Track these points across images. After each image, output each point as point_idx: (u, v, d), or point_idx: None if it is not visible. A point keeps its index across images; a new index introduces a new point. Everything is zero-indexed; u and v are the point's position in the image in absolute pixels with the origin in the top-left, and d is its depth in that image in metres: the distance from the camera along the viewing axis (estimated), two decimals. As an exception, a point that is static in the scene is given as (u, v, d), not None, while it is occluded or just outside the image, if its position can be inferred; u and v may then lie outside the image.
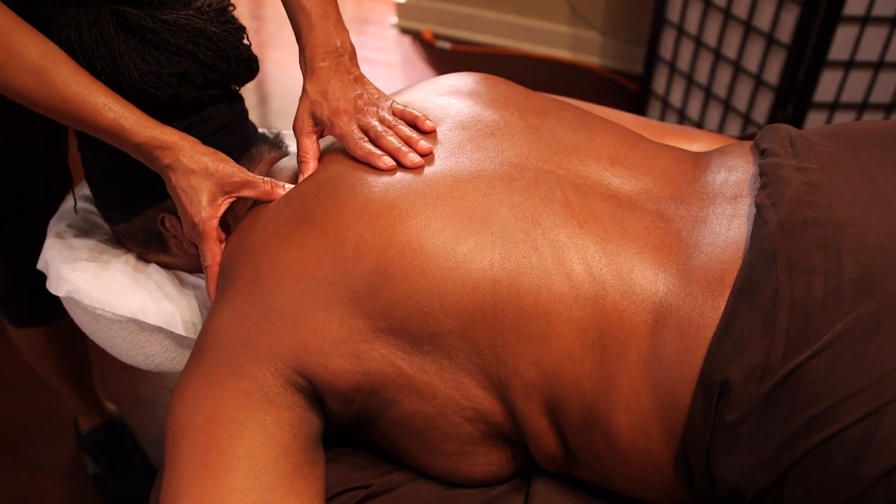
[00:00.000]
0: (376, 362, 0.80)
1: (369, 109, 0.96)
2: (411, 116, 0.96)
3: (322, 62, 0.98)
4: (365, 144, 0.91)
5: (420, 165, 0.88)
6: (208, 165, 0.93)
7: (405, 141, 0.91)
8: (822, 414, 0.68)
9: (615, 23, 3.01)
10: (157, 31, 0.94)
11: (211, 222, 0.93)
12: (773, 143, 0.87)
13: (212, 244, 0.94)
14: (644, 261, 0.80)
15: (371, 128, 0.93)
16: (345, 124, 0.94)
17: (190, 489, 0.76)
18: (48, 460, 1.67)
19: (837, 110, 2.18)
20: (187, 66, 0.95)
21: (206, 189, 0.93)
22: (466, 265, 0.79)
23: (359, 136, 0.93)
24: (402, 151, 0.89)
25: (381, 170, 0.88)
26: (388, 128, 0.93)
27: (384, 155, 0.89)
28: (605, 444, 0.79)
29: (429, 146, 0.91)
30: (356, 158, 0.91)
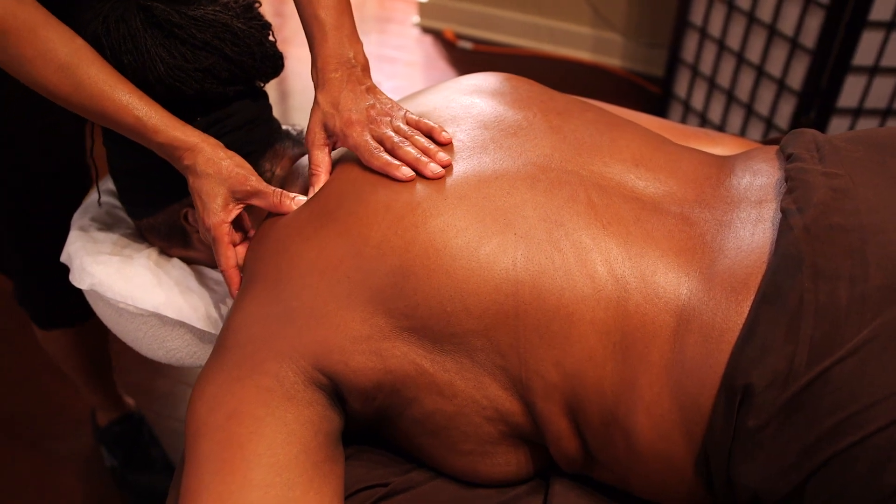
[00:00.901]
0: (397, 360, 0.80)
1: (382, 120, 0.94)
2: (427, 127, 0.94)
3: (334, 73, 0.97)
4: (381, 155, 0.90)
5: (441, 177, 0.87)
6: (223, 170, 0.93)
7: (423, 152, 0.90)
8: (845, 421, 0.68)
9: (637, 25, 3.00)
10: (184, 26, 0.95)
11: (221, 227, 0.94)
12: (799, 147, 0.86)
13: (223, 248, 0.94)
14: (667, 264, 0.80)
15: (386, 138, 0.92)
16: (358, 135, 0.93)
17: (210, 485, 0.76)
18: (65, 453, 1.68)
19: (861, 116, 2.16)
20: (213, 61, 0.96)
21: (220, 194, 0.94)
22: (489, 265, 0.79)
23: (374, 147, 0.91)
24: (423, 162, 0.88)
25: (399, 180, 0.87)
26: (405, 138, 0.92)
27: (402, 165, 0.88)
28: (625, 447, 0.79)
29: (448, 159, 0.89)
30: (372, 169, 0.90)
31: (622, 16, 3.00)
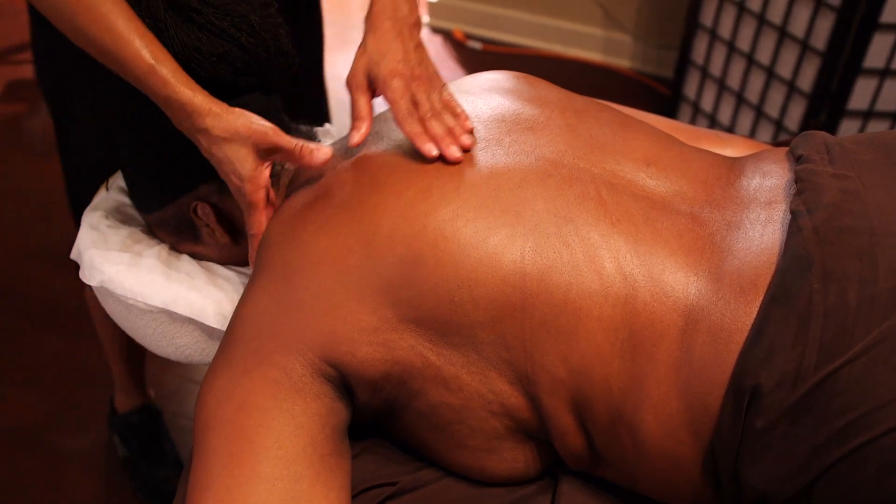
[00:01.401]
0: (404, 352, 0.81)
1: (424, 83, 0.95)
2: (457, 111, 0.95)
3: (388, 21, 0.97)
4: (413, 122, 0.91)
5: (459, 160, 0.88)
6: (239, 130, 0.91)
7: (449, 131, 0.91)
8: (854, 422, 0.68)
9: (647, 26, 3.00)
10: (203, 11, 0.96)
11: (259, 192, 0.93)
12: (809, 149, 0.86)
13: (259, 214, 0.94)
14: (676, 263, 0.80)
15: (422, 104, 0.93)
16: (398, 90, 0.93)
17: (218, 478, 0.76)
18: (75, 450, 1.68)
19: (871, 119, 2.16)
20: (229, 49, 0.96)
21: (244, 156, 0.92)
22: (498, 256, 0.80)
23: (408, 108, 0.92)
24: (447, 142, 0.89)
25: (424, 154, 0.88)
26: (437, 112, 0.93)
27: (429, 141, 0.89)
28: (632, 445, 0.79)
29: (471, 143, 0.90)
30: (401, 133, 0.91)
31: (632, 17, 3.00)
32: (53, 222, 2.20)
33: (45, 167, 2.43)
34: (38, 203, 2.30)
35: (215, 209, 1.04)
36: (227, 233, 1.05)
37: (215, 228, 1.05)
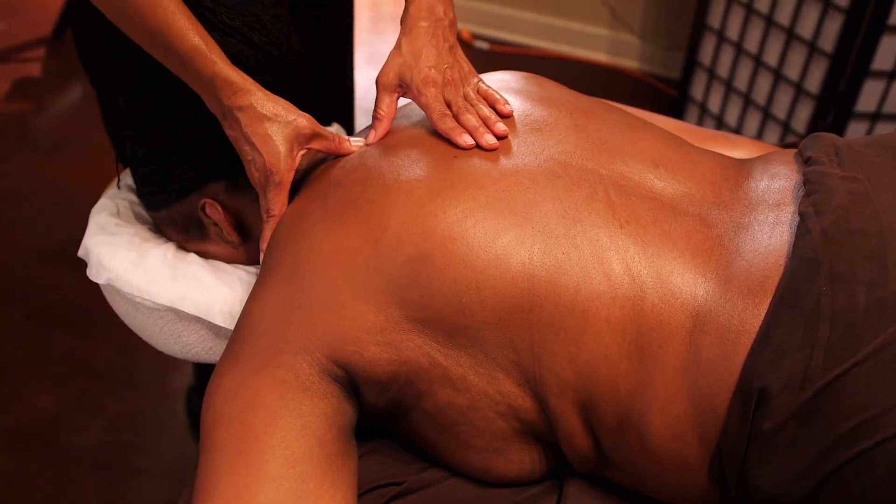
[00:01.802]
0: (412, 352, 0.81)
1: (457, 84, 0.97)
2: (493, 98, 0.97)
3: (423, 21, 0.99)
4: (448, 120, 0.93)
5: (495, 147, 0.90)
6: (282, 114, 0.93)
7: (484, 121, 0.93)
8: (862, 425, 0.68)
9: (654, 27, 2.99)
10: (216, 11, 0.96)
11: (289, 174, 0.94)
12: (818, 151, 0.86)
13: (283, 195, 0.95)
14: (684, 264, 0.80)
15: (454, 103, 0.95)
16: (432, 96, 0.95)
17: (225, 476, 0.76)
18: (81, 447, 1.69)
19: (879, 121, 2.16)
20: (242, 48, 0.96)
21: (283, 137, 0.93)
22: (506, 257, 0.80)
23: (442, 110, 0.94)
24: (480, 131, 0.91)
25: (461, 147, 0.90)
26: (470, 105, 0.95)
27: (464, 132, 0.91)
28: (639, 447, 0.79)
29: (505, 129, 0.92)
30: (433, 144, 0.92)
31: (639, 18, 3.00)
32: (60, 220, 2.20)
33: (51, 165, 2.44)
34: (45, 201, 2.31)
35: (224, 207, 1.04)
36: (235, 231, 1.05)
37: (223, 227, 1.05)
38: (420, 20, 0.99)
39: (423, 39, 0.98)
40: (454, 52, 1.00)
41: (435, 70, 0.97)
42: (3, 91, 2.74)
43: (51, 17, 3.04)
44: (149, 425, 1.75)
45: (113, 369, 1.85)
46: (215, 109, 0.95)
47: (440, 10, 1.00)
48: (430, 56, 0.97)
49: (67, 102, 2.76)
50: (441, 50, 0.98)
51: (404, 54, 0.98)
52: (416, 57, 0.97)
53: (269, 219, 0.95)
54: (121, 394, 1.80)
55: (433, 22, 0.99)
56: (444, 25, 1.00)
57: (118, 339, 1.90)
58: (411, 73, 0.97)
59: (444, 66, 0.98)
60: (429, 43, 0.98)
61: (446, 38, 1.00)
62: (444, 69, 0.97)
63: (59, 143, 2.55)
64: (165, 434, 1.73)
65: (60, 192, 2.32)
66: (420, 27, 0.98)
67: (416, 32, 0.98)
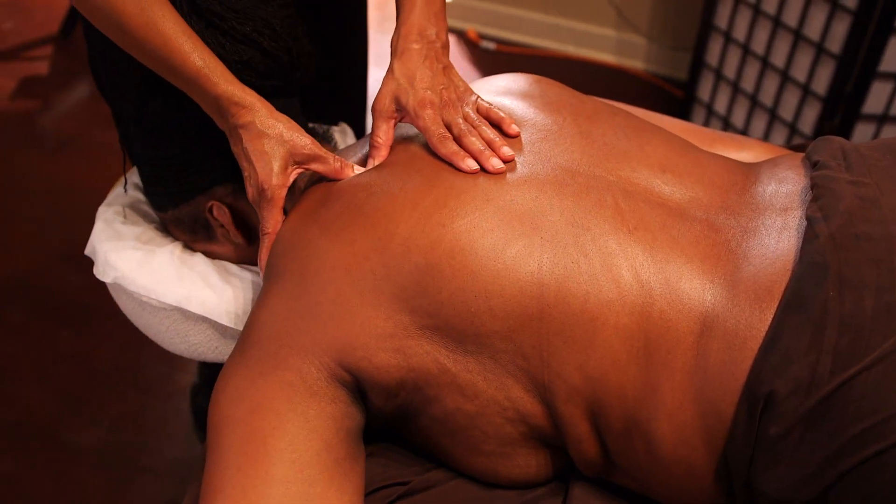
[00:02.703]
0: (420, 358, 0.80)
1: (455, 105, 0.95)
2: (497, 118, 0.95)
3: (414, 44, 0.97)
4: (449, 143, 0.90)
5: (502, 172, 0.87)
6: (283, 133, 0.93)
7: (488, 144, 0.90)
8: (869, 430, 0.67)
9: (661, 28, 2.99)
10: (226, 17, 0.96)
11: (281, 191, 0.93)
12: (826, 155, 0.86)
13: (276, 212, 0.94)
14: (692, 270, 0.79)
15: (455, 125, 0.92)
16: (429, 118, 0.93)
17: (232, 479, 0.76)
18: (84, 446, 1.69)
19: (886, 122, 2.15)
20: (252, 55, 0.97)
21: (279, 155, 0.93)
22: (515, 267, 0.79)
23: (441, 133, 0.91)
24: (485, 155, 0.88)
25: (464, 171, 0.88)
26: (472, 126, 0.93)
27: (468, 157, 0.88)
28: (646, 452, 0.79)
29: (511, 153, 0.89)
30: (437, 155, 0.91)
31: (646, 18, 3.00)
32: (66, 218, 2.20)
33: (57, 163, 2.44)
34: (51, 199, 2.31)
35: (231, 209, 1.04)
36: (241, 233, 1.05)
37: (230, 229, 1.05)
38: (411, 42, 0.97)
39: (416, 61, 0.96)
40: (448, 72, 0.98)
41: (431, 91, 0.94)
42: (10, 89, 2.74)
43: (57, 16, 3.04)
44: (153, 424, 1.75)
45: (117, 368, 1.85)
46: (222, 126, 0.95)
47: (432, 33, 0.98)
48: (424, 78, 0.95)
49: (74, 101, 2.76)
50: (435, 71, 0.96)
51: (398, 78, 0.96)
52: (410, 79, 0.95)
53: (264, 237, 0.95)
54: (125, 392, 1.80)
55: (425, 44, 0.97)
56: (437, 48, 0.98)
57: (123, 338, 1.90)
58: (407, 95, 0.94)
59: (439, 87, 0.95)
60: (422, 65, 0.96)
61: (440, 60, 0.98)
62: (440, 90, 0.95)
63: (65, 142, 2.55)
64: (169, 433, 1.73)
65: (66, 190, 2.32)
66: (412, 49, 0.97)
67: (409, 55, 0.97)
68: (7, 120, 2.62)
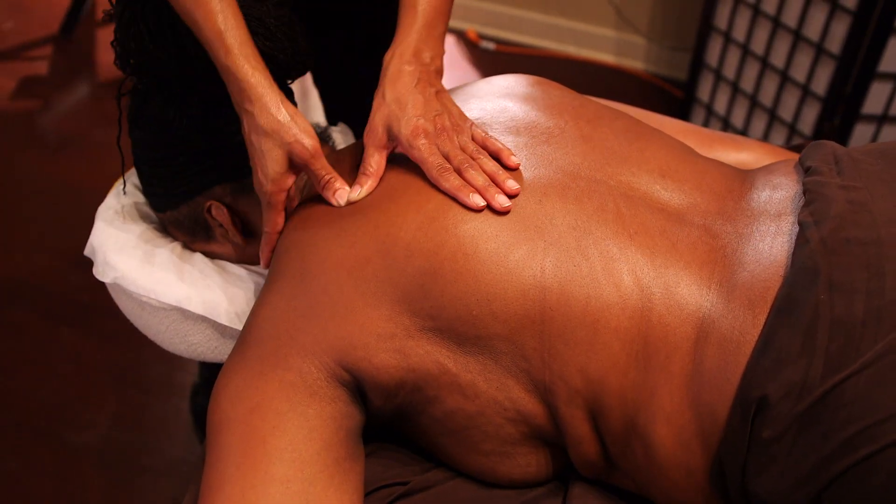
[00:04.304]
0: (420, 359, 0.81)
1: (450, 133, 0.91)
2: (494, 148, 0.90)
3: (408, 65, 0.93)
4: (450, 176, 0.86)
5: (508, 210, 0.83)
6: (280, 131, 0.88)
7: (490, 177, 0.86)
8: (861, 433, 0.68)
9: (661, 28, 2.99)
10: None
11: (278, 196, 0.91)
12: (818, 161, 0.86)
13: (275, 215, 0.92)
14: (690, 276, 0.80)
15: (453, 156, 0.88)
16: (424, 149, 0.88)
17: (232, 478, 0.77)
18: (85, 444, 1.69)
19: (886, 123, 2.15)
20: None
21: (277, 158, 0.89)
22: (518, 271, 0.80)
23: (440, 164, 0.87)
24: (490, 192, 0.84)
25: (470, 208, 0.83)
26: (472, 158, 0.88)
27: (473, 192, 0.84)
28: (644, 455, 0.79)
29: (517, 188, 0.85)
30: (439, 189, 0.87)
31: (646, 18, 3.00)
32: (66, 218, 2.20)
33: (57, 163, 2.44)
34: (51, 199, 2.31)
35: (229, 209, 1.04)
36: (240, 233, 1.06)
37: (229, 229, 1.05)
38: (404, 63, 0.93)
39: (408, 85, 0.92)
40: (442, 97, 0.93)
41: (424, 119, 0.89)
42: (10, 89, 2.74)
43: (57, 16, 3.04)
44: (154, 423, 1.75)
45: (118, 367, 1.85)
46: (233, 100, 0.92)
47: (427, 56, 0.95)
48: (417, 104, 0.90)
49: (74, 100, 2.76)
50: (428, 96, 0.91)
51: (389, 103, 0.91)
52: (401, 106, 0.90)
53: (265, 235, 0.94)
54: (126, 392, 1.81)
55: (419, 67, 0.93)
56: (431, 72, 0.94)
57: (123, 338, 1.90)
58: (399, 123, 0.90)
59: (433, 114, 0.90)
60: (414, 89, 0.91)
61: (432, 84, 0.93)
62: (433, 117, 0.90)
63: (65, 141, 2.55)
64: (170, 432, 1.74)
65: (67, 189, 2.32)
66: (404, 71, 0.93)
67: (401, 77, 0.92)
68: (7, 120, 2.62)
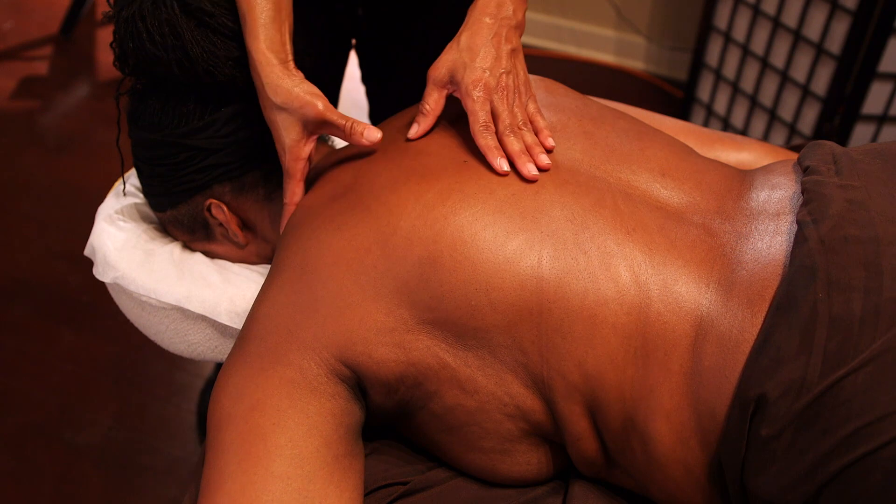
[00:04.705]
0: (420, 353, 0.81)
1: (509, 94, 0.92)
2: (538, 126, 0.93)
3: (488, 18, 0.94)
4: (488, 135, 0.88)
5: (535, 179, 0.86)
6: (293, 99, 0.91)
7: (528, 148, 0.88)
8: (859, 431, 0.68)
9: (661, 28, 2.99)
10: (216, 15, 0.96)
11: (296, 164, 0.94)
12: (816, 160, 0.87)
13: (294, 184, 0.95)
14: (689, 274, 0.80)
15: (501, 117, 0.90)
16: (479, 101, 0.90)
17: (232, 475, 0.77)
18: (85, 443, 1.69)
19: (885, 123, 2.15)
20: (242, 52, 0.96)
21: (291, 127, 0.92)
22: (516, 261, 0.80)
23: (485, 120, 0.89)
24: (523, 159, 0.87)
25: (496, 171, 0.86)
26: (517, 127, 0.90)
27: (501, 156, 0.87)
28: (643, 452, 0.79)
29: (549, 162, 0.87)
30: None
31: (646, 19, 3.00)
32: (67, 217, 2.21)
33: (58, 162, 2.44)
34: (52, 198, 2.31)
35: (229, 208, 1.04)
36: (240, 231, 1.06)
37: (229, 227, 1.05)
38: (486, 15, 0.94)
39: (485, 37, 0.93)
40: (515, 57, 0.95)
41: (489, 73, 0.91)
42: (11, 89, 2.75)
43: (57, 16, 3.04)
44: (154, 423, 1.76)
45: (118, 367, 1.86)
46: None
47: (509, 9, 0.95)
48: (487, 56, 0.92)
49: (74, 100, 2.76)
50: (500, 52, 0.93)
51: (461, 49, 0.93)
52: (472, 55, 0.92)
53: (285, 206, 0.96)
54: (126, 391, 1.81)
55: (499, 20, 0.94)
56: (511, 25, 0.95)
57: (124, 337, 1.90)
58: (464, 70, 0.91)
59: (499, 71, 0.92)
60: (489, 42, 0.92)
61: (509, 40, 0.94)
62: (499, 74, 0.92)
63: (66, 141, 2.55)
64: (170, 432, 1.74)
65: (67, 189, 2.33)
66: (484, 23, 0.93)
67: (478, 27, 0.93)
68: (8, 120, 2.63)
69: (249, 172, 1.02)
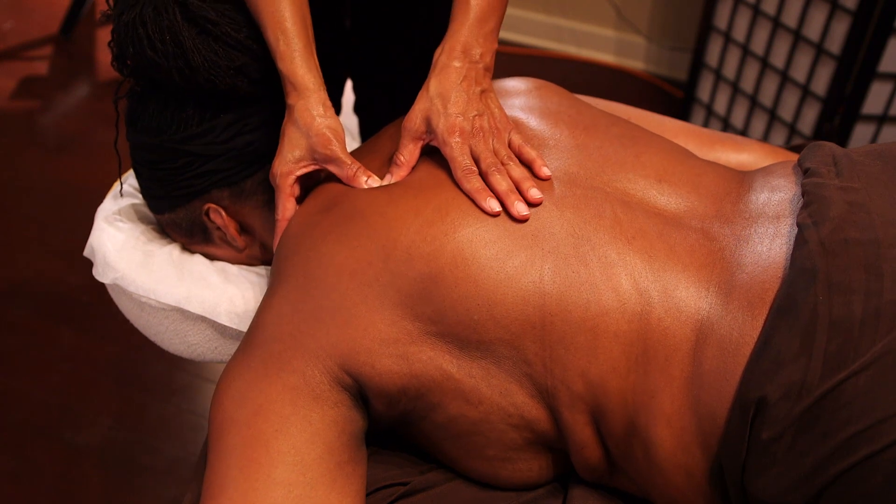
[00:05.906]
0: (423, 364, 0.81)
1: (486, 135, 0.91)
2: (529, 157, 0.91)
3: (456, 61, 0.93)
4: (473, 178, 0.87)
5: (526, 218, 0.84)
6: (313, 126, 0.92)
7: (517, 183, 0.87)
8: (859, 434, 0.68)
9: (661, 28, 2.99)
10: (219, 23, 0.96)
11: (286, 178, 0.94)
12: (816, 162, 0.86)
13: (284, 198, 0.95)
14: (689, 279, 0.80)
15: (483, 158, 0.88)
16: (457, 147, 0.89)
17: (235, 480, 0.77)
18: (85, 443, 1.69)
19: (885, 123, 2.15)
20: (245, 61, 0.96)
21: (300, 146, 0.93)
22: (517, 277, 0.80)
23: (467, 165, 0.88)
24: (511, 198, 0.84)
25: (485, 212, 0.84)
26: (502, 163, 0.89)
27: (490, 197, 0.85)
28: (644, 457, 0.79)
29: (540, 196, 0.85)
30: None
31: (646, 19, 3.00)
32: (67, 218, 2.21)
33: (58, 163, 2.44)
34: (52, 198, 2.31)
35: (227, 212, 1.04)
36: (239, 236, 1.06)
37: (227, 232, 1.05)
38: (453, 59, 0.93)
39: (454, 81, 0.92)
40: (486, 98, 0.94)
41: (462, 118, 0.90)
42: (10, 89, 2.75)
43: (57, 16, 3.04)
44: (153, 423, 1.75)
45: (118, 367, 1.86)
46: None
47: (476, 53, 0.94)
48: (458, 101, 0.91)
49: (74, 100, 2.76)
50: (471, 95, 0.92)
51: (432, 97, 0.92)
52: (444, 101, 0.91)
53: (276, 222, 0.96)
54: (126, 391, 1.81)
55: (467, 63, 0.93)
56: (479, 69, 0.94)
57: (123, 337, 1.90)
58: (438, 118, 0.90)
59: (472, 114, 0.91)
60: (459, 86, 0.92)
61: (478, 82, 0.93)
62: (472, 117, 0.91)
63: (65, 141, 2.55)
64: (170, 432, 1.74)
65: (67, 189, 2.33)
66: (452, 67, 0.93)
67: (447, 72, 0.92)
68: (7, 120, 2.62)
69: (249, 178, 1.02)
